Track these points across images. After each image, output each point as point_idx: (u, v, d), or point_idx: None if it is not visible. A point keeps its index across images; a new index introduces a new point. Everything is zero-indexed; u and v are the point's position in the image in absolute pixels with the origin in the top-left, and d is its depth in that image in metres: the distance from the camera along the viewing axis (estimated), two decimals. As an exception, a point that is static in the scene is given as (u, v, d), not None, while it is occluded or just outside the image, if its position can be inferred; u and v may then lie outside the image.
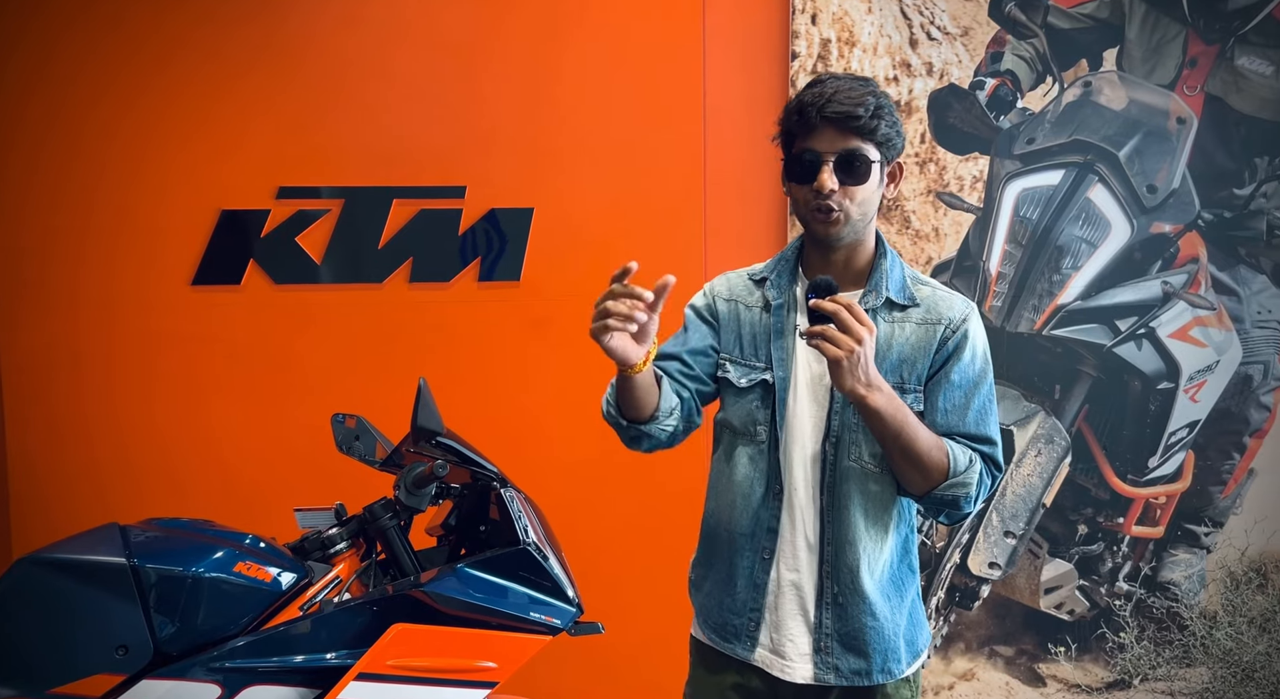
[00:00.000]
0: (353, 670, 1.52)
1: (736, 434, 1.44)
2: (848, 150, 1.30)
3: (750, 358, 1.42)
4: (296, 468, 2.42)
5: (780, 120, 1.37)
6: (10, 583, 1.49)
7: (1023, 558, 2.65)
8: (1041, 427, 2.60)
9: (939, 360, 1.37)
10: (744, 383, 1.41)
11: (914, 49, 2.52)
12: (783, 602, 1.41)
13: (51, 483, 2.43)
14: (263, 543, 1.64)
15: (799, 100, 1.33)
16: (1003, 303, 2.57)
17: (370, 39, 2.44)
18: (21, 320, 2.42)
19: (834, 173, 1.30)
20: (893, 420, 1.26)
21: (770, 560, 1.40)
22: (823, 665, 1.39)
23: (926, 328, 1.37)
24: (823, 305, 1.21)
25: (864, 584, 1.38)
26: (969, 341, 1.37)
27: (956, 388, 1.36)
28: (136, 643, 1.47)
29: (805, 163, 1.31)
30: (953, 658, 2.68)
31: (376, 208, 2.47)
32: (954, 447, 1.33)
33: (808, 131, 1.31)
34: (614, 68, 2.49)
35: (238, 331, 2.47)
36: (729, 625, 1.44)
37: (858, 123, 1.29)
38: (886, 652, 1.39)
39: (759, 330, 1.42)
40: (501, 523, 1.69)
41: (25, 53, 2.36)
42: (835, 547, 1.38)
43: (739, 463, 1.43)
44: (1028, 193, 2.55)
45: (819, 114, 1.29)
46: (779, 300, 1.42)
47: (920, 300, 1.39)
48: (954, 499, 1.32)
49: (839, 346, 1.20)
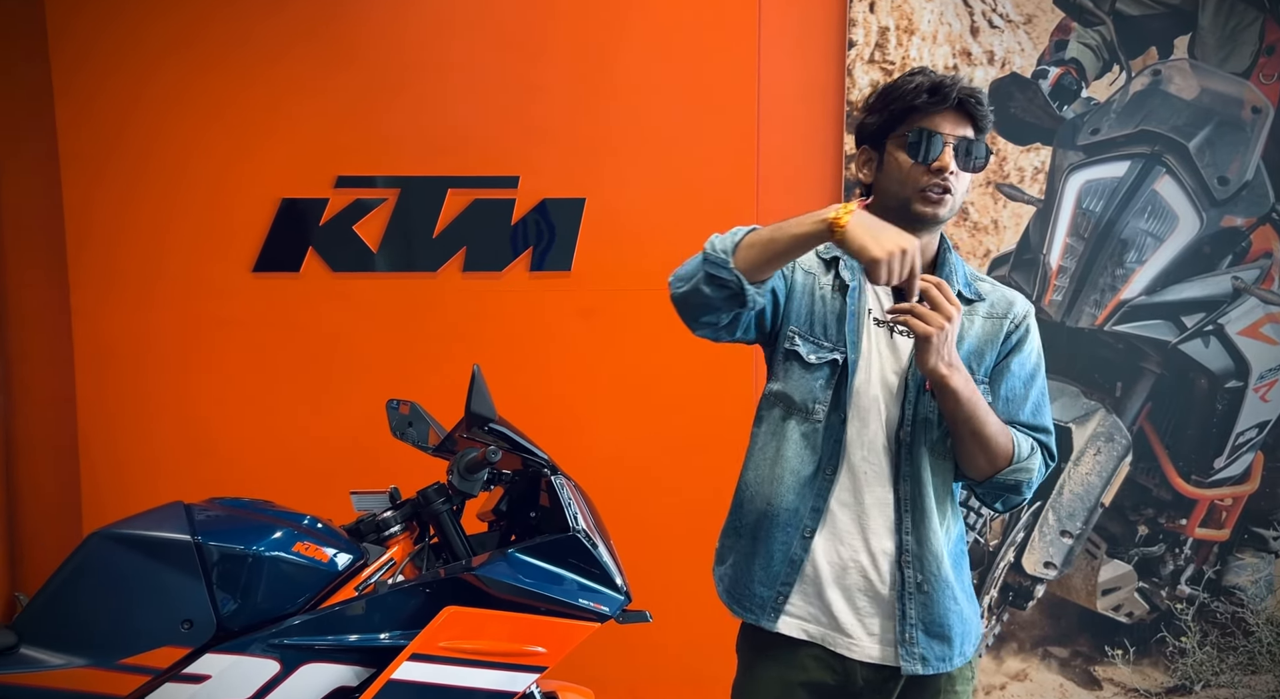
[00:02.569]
0: (406, 650, 1.55)
1: (792, 409, 1.41)
2: (968, 137, 1.33)
3: (820, 336, 1.40)
4: (352, 451, 2.46)
5: (882, 101, 1.36)
6: (83, 556, 1.55)
7: (1079, 558, 2.59)
8: (1101, 424, 2.53)
9: (1003, 353, 1.40)
10: (814, 359, 1.39)
11: (975, 37, 2.47)
12: (844, 583, 1.39)
13: (120, 461, 2.52)
14: (320, 524, 1.68)
15: (928, 81, 1.32)
16: (1063, 297, 2.51)
17: (426, 30, 2.47)
18: (94, 306, 2.50)
19: (954, 156, 1.32)
20: (968, 402, 1.28)
21: (810, 539, 1.39)
22: (909, 656, 1.37)
23: (993, 321, 1.40)
24: (912, 284, 1.21)
25: (947, 571, 1.38)
26: (1030, 336, 1.42)
27: (1017, 378, 1.40)
28: (200, 617, 1.52)
29: (930, 140, 1.31)
30: (1005, 658, 2.64)
31: (431, 197, 2.50)
32: (1017, 434, 1.36)
33: (934, 111, 1.32)
34: (668, 57, 2.48)
35: (297, 318, 2.53)
36: (755, 596, 1.42)
37: (982, 111, 1.33)
38: (965, 634, 1.41)
39: (830, 310, 1.40)
40: (551, 510, 1.70)
41: (98, 53, 2.44)
42: (917, 535, 1.37)
43: (790, 439, 1.40)
44: (1091, 184, 2.48)
45: (956, 94, 1.31)
46: (854, 282, 1.41)
47: (985, 295, 1.43)
48: (1016, 484, 1.35)
49: (929, 324, 1.22)
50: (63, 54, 2.42)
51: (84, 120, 2.45)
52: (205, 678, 1.51)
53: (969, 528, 2.56)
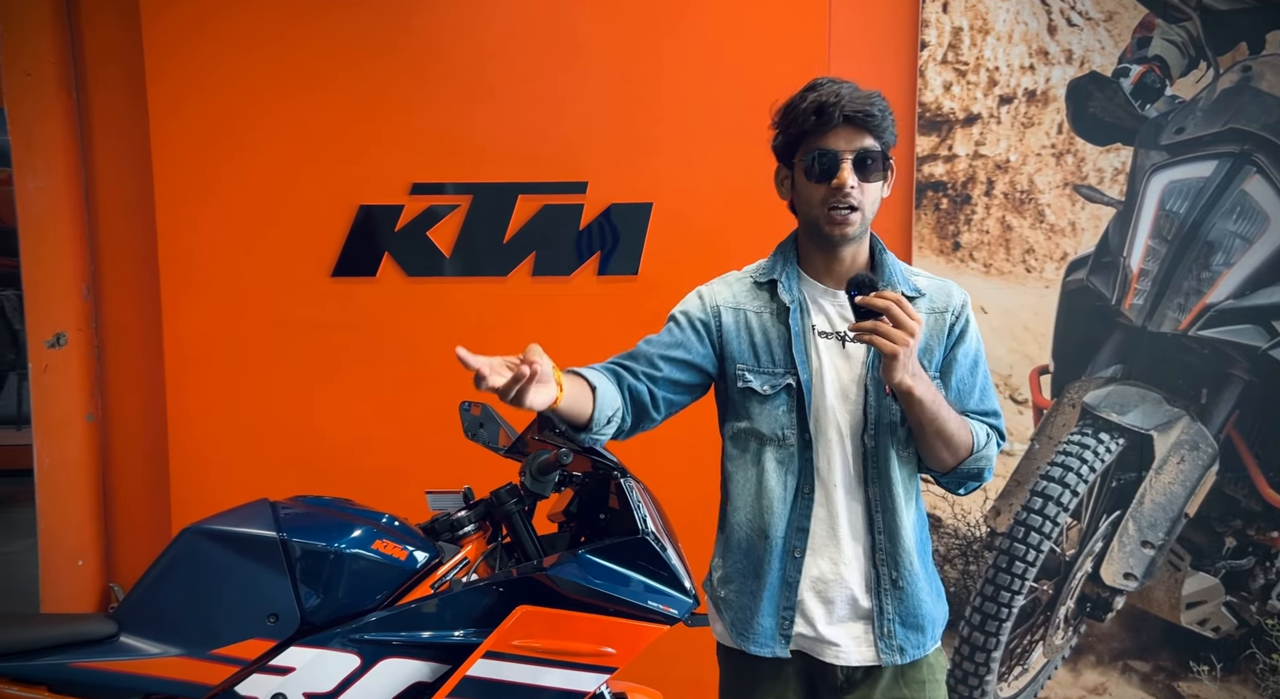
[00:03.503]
0: (481, 648, 1.58)
1: (765, 441, 1.44)
2: (864, 148, 1.34)
3: (768, 364, 1.43)
4: (424, 451, 2.52)
5: (782, 123, 1.40)
6: (176, 550, 1.62)
7: (1162, 570, 2.51)
8: (1185, 432, 2.45)
9: (948, 345, 1.43)
10: (768, 390, 1.42)
11: (1052, 36, 2.41)
12: (825, 594, 1.42)
13: (206, 458, 2.63)
14: (398, 522, 1.73)
15: (814, 101, 1.34)
16: (1144, 301, 2.43)
17: (498, 39, 2.52)
18: (183, 310, 2.61)
19: (853, 171, 1.33)
20: (932, 405, 1.31)
21: (801, 559, 1.42)
22: (888, 649, 1.41)
23: (936, 316, 1.43)
24: (873, 302, 1.24)
25: (916, 564, 1.42)
26: (970, 324, 1.45)
27: (963, 368, 1.43)
28: (285, 611, 1.58)
29: (825, 161, 1.33)
30: (1082, 670, 2.57)
31: (502, 203, 2.54)
32: (974, 424, 1.40)
33: (824, 131, 1.34)
34: (736, 60, 2.48)
35: (373, 321, 2.60)
36: (763, 629, 1.45)
37: (874, 121, 1.34)
38: (935, 620, 1.46)
39: (773, 336, 1.43)
40: (621, 512, 1.72)
41: (189, 66, 2.54)
42: (888, 534, 1.41)
43: (767, 469, 1.43)
44: (1175, 185, 2.40)
45: (840, 113, 1.32)
46: (792, 303, 1.42)
47: (924, 290, 1.44)
48: (978, 471, 1.40)
49: (895, 341, 1.24)
50: (157, 66, 2.54)
51: (175, 131, 2.56)
52: (290, 670, 1.56)
53: (1045, 537, 2.50)
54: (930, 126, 2.45)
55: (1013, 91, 2.44)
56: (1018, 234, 2.48)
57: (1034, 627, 2.55)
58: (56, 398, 2.58)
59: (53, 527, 2.56)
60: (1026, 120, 2.44)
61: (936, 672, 1.47)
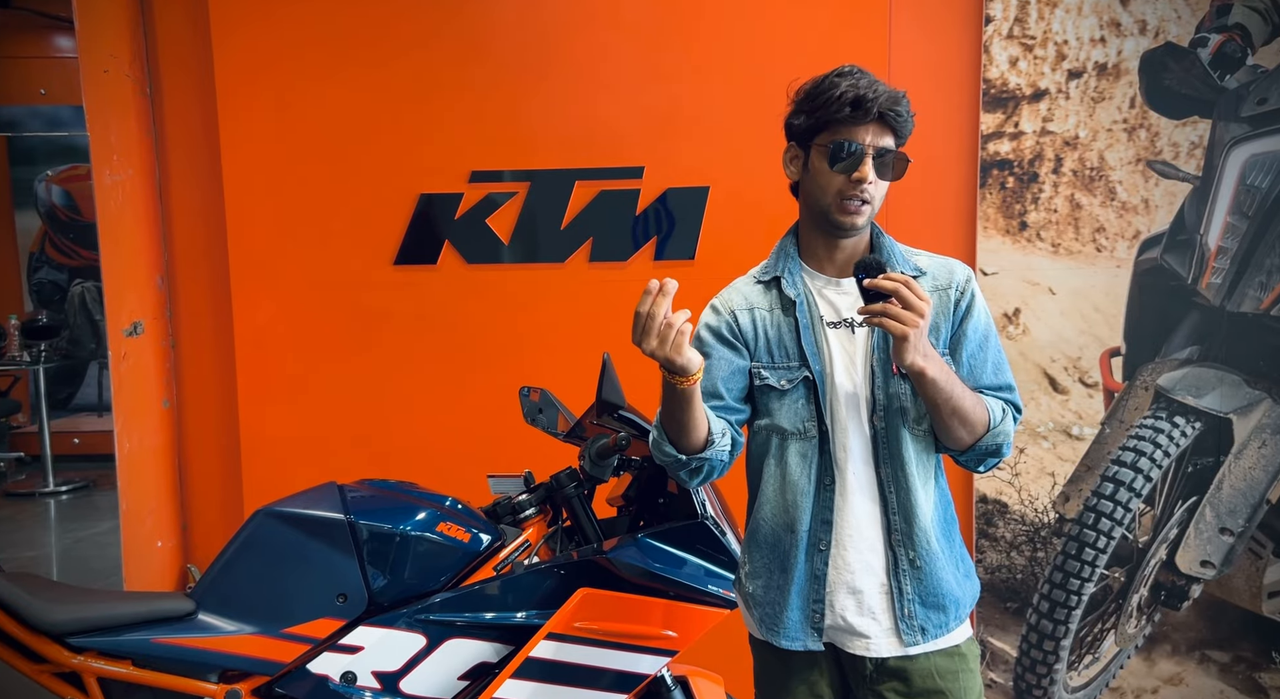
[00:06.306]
0: (544, 629, 1.60)
1: (787, 436, 1.44)
2: (886, 147, 1.36)
3: (783, 359, 1.44)
4: (486, 435, 2.56)
5: (808, 106, 1.38)
6: (251, 532, 1.68)
7: (1242, 558, 2.42)
8: (1267, 416, 2.35)
9: (955, 321, 1.43)
10: (785, 384, 1.43)
11: (1125, 6, 2.32)
12: (852, 584, 1.41)
13: (275, 442, 2.70)
14: (461, 505, 1.76)
15: (850, 92, 1.34)
16: (1223, 280, 2.34)
17: (554, 26, 2.52)
18: (252, 299, 2.68)
19: (873, 167, 1.35)
20: (945, 385, 1.30)
21: (826, 552, 1.41)
22: (909, 630, 1.40)
23: (940, 294, 1.43)
24: (881, 285, 1.24)
25: (935, 543, 1.41)
26: (976, 298, 1.44)
27: (974, 343, 1.43)
28: (354, 592, 1.62)
29: (850, 152, 1.34)
30: (1157, 660, 2.49)
31: (559, 189, 2.56)
32: (988, 400, 1.39)
33: (855, 124, 1.34)
34: (794, 39, 2.45)
35: (434, 308, 2.64)
36: (792, 622, 1.44)
37: (901, 121, 1.35)
38: (959, 600, 1.43)
39: (784, 331, 1.44)
40: (679, 497, 1.72)
41: (256, 63, 2.60)
42: (903, 514, 1.40)
43: (790, 463, 1.43)
44: (1257, 159, 2.30)
45: (876, 108, 1.33)
46: (798, 296, 1.43)
47: (925, 269, 1.44)
48: (996, 447, 1.38)
49: (905, 323, 1.23)
50: (225, 64, 2.60)
51: (243, 125, 2.63)
52: (359, 649, 1.61)
53: (1117, 523, 2.43)
54: (995, 103, 2.38)
55: (1082, 65, 2.35)
56: (1087, 212, 2.41)
57: (1105, 615, 2.49)
58: (134, 385, 2.68)
59: (133, 509, 2.67)
60: (1097, 95, 2.36)
61: (969, 661, 1.45)
